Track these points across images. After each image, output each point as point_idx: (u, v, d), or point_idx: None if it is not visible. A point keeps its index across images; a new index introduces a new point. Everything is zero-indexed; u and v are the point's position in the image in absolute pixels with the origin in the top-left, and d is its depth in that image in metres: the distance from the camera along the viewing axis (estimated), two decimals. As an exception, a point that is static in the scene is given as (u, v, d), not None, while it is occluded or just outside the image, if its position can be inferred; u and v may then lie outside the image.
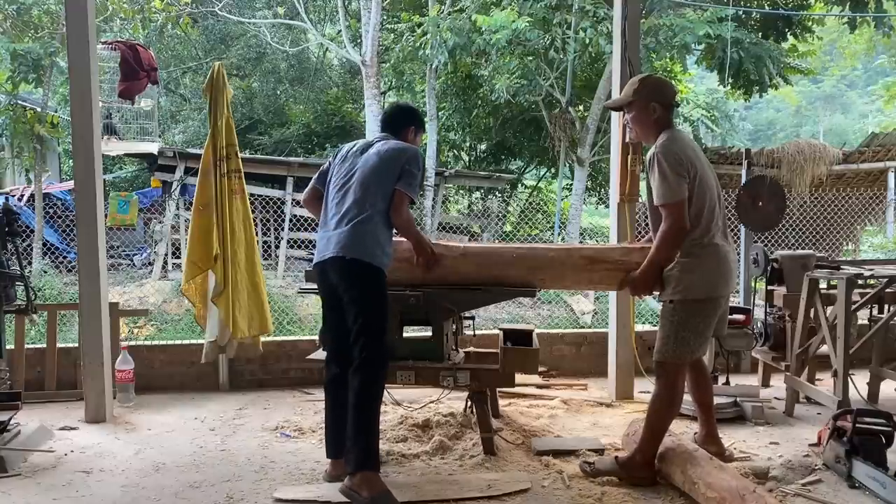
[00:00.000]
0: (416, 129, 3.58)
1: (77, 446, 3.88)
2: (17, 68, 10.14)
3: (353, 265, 3.16)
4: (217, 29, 15.44)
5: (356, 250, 3.17)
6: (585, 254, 3.62)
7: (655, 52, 10.97)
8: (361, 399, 3.08)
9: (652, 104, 3.27)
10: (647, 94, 3.29)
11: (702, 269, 3.18)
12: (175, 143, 14.33)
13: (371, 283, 3.20)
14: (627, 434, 3.64)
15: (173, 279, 10.05)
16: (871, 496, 3.09)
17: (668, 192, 3.10)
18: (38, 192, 10.82)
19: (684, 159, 3.14)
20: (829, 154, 11.10)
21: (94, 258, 4.29)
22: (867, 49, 19.21)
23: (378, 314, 3.18)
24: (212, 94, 4.57)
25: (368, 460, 3.03)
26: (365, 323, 3.13)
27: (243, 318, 4.59)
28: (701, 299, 3.19)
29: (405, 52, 11.83)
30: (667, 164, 3.10)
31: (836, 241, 10.84)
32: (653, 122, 3.28)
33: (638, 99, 3.30)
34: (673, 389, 3.26)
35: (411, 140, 3.54)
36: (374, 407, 3.12)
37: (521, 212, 13.06)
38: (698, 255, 3.18)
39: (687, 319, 3.19)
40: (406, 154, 3.32)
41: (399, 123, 3.54)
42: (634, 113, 3.33)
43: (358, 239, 3.18)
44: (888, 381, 4.52)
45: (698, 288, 3.18)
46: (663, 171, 3.10)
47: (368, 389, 3.09)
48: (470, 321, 4.06)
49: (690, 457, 3.10)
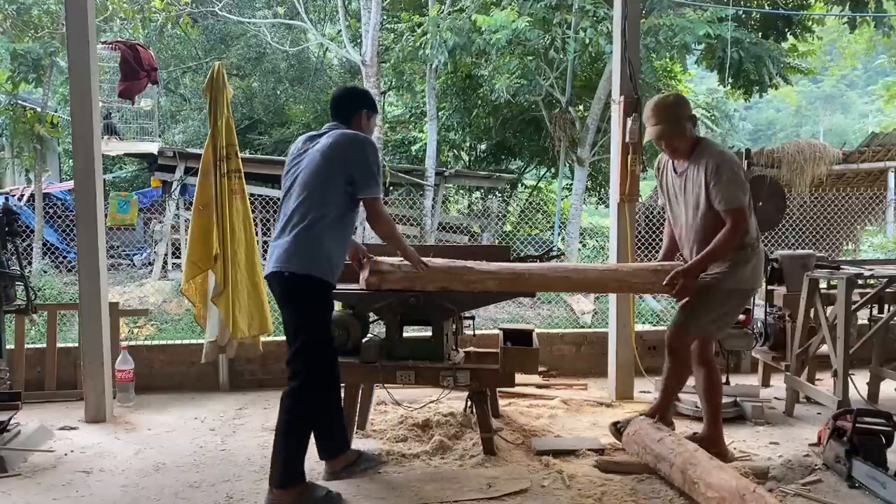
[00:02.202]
0: (367, 112, 3.29)
1: (77, 446, 3.88)
2: (17, 68, 10.14)
3: (291, 281, 3.02)
4: (217, 29, 15.44)
5: (295, 263, 3.01)
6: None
7: (655, 52, 10.97)
8: (288, 424, 3.04)
9: (692, 118, 3.47)
10: (682, 113, 3.43)
11: (753, 264, 3.45)
12: (175, 143, 14.33)
13: (311, 298, 3.05)
14: (629, 433, 3.60)
15: (173, 279, 10.05)
16: (871, 496, 3.09)
17: (735, 197, 3.28)
18: (38, 192, 10.82)
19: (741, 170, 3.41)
20: (829, 154, 11.10)
21: (94, 258, 4.29)
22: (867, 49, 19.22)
23: (317, 332, 3.06)
24: (212, 93, 4.57)
25: (288, 478, 3.02)
26: (303, 343, 3.05)
27: (243, 318, 4.59)
28: (747, 290, 3.51)
29: (405, 52, 11.83)
30: (734, 172, 3.31)
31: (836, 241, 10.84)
32: (692, 136, 3.45)
33: (673, 123, 3.40)
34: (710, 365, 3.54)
35: (364, 125, 3.27)
36: (299, 432, 3.06)
37: (521, 212, 13.07)
38: (753, 250, 3.44)
39: (734, 306, 3.49)
40: (353, 149, 3.07)
41: (347, 109, 3.26)
42: (683, 134, 3.43)
43: (299, 249, 3.01)
44: (888, 381, 4.53)
45: (748, 280, 3.46)
46: (734, 179, 3.29)
47: (297, 415, 3.04)
48: (470, 321, 4.06)
49: (691, 457, 3.10)
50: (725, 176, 3.27)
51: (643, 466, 3.41)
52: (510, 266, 3.63)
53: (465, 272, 3.51)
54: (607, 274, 3.76)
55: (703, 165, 3.34)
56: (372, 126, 3.37)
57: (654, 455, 3.31)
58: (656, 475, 3.32)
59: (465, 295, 3.59)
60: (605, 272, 3.78)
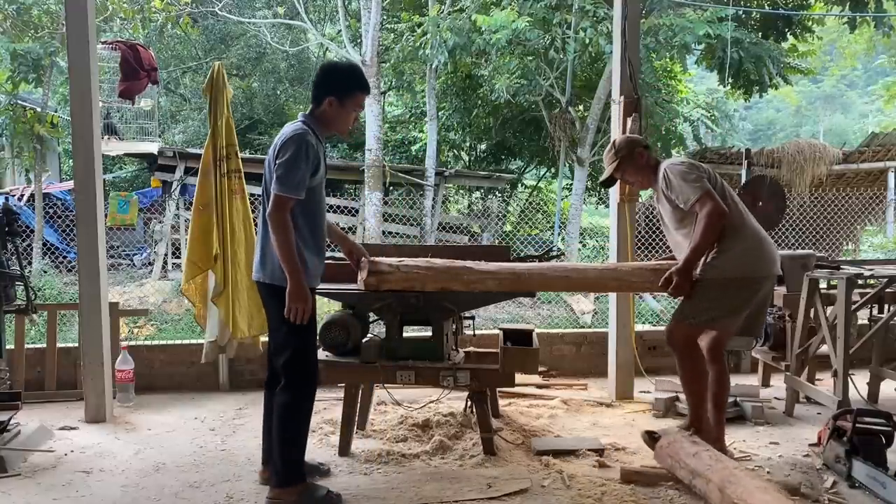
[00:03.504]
0: (337, 99, 2.99)
1: (77, 446, 3.88)
2: (17, 68, 10.14)
3: (263, 289, 3.09)
4: (217, 29, 15.44)
5: (262, 272, 3.05)
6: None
7: (655, 52, 10.97)
8: (282, 420, 3.04)
9: (637, 150, 3.57)
10: (627, 148, 3.59)
11: (741, 249, 3.35)
12: (175, 143, 14.33)
13: (274, 303, 3.02)
14: (662, 445, 3.38)
15: (173, 279, 10.05)
16: (871, 496, 3.09)
17: (691, 189, 3.30)
18: (38, 192, 10.82)
19: (692, 165, 3.42)
20: (829, 154, 11.11)
21: (94, 258, 4.29)
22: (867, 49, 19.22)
23: (291, 336, 3.01)
24: (212, 93, 4.57)
25: (288, 478, 3.03)
26: (282, 344, 3.05)
27: (243, 318, 4.59)
28: (742, 277, 3.34)
29: (405, 52, 11.83)
30: (679, 172, 3.37)
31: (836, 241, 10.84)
32: (646, 164, 3.57)
33: (624, 157, 3.57)
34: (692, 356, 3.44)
35: (331, 114, 3.01)
36: (294, 428, 3.06)
37: (521, 212, 13.07)
38: (736, 236, 3.36)
39: (730, 296, 3.34)
40: (282, 147, 2.91)
41: (316, 94, 3.03)
42: (629, 169, 3.60)
43: (264, 258, 3.04)
44: (888, 381, 4.53)
45: (739, 267, 3.34)
46: (680, 177, 3.34)
47: (288, 411, 3.04)
48: (470, 321, 4.06)
49: (730, 474, 2.86)
50: (675, 179, 3.37)
51: (667, 477, 3.26)
52: (510, 266, 3.63)
53: (465, 272, 3.51)
54: (607, 273, 3.76)
55: (661, 183, 3.50)
56: (347, 114, 3.05)
57: (688, 470, 3.08)
58: (689, 491, 3.12)
59: (465, 295, 3.59)
60: (604, 271, 3.79)
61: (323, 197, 3.14)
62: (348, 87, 3.03)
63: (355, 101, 3.06)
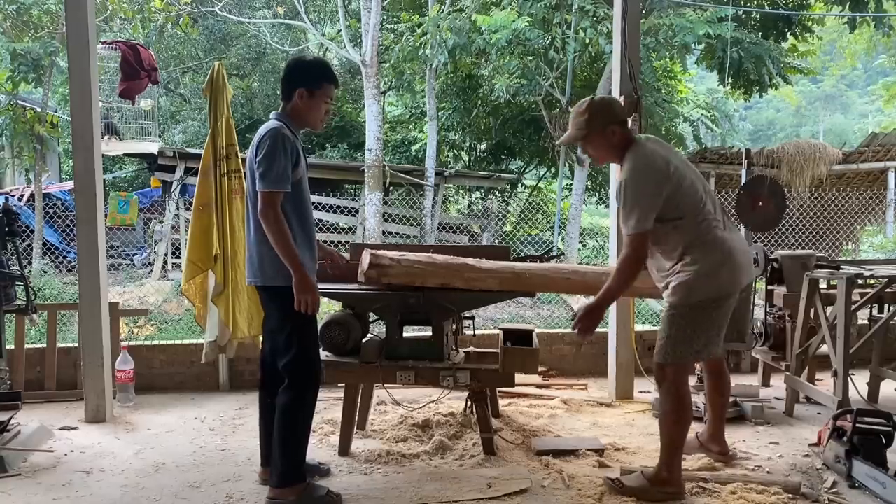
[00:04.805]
0: (308, 90, 3.00)
1: (77, 446, 3.88)
2: (17, 68, 10.15)
3: (260, 292, 3.10)
4: (217, 29, 15.45)
5: (253, 274, 3.05)
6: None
7: (655, 52, 10.98)
8: (283, 421, 3.03)
9: (610, 128, 3.10)
10: (601, 121, 3.10)
11: (705, 269, 2.99)
12: (175, 143, 14.34)
13: (274, 305, 3.04)
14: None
15: (173, 279, 10.05)
16: (871, 496, 3.09)
17: (635, 222, 2.96)
18: (38, 192, 10.83)
19: (661, 175, 2.98)
20: (829, 154, 11.12)
21: (94, 258, 4.29)
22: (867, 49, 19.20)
23: (291, 336, 3.00)
24: (212, 93, 4.56)
25: (288, 478, 3.02)
26: (284, 345, 3.03)
27: (243, 318, 4.58)
28: (703, 300, 3.02)
29: (405, 52, 11.84)
30: (635, 186, 2.97)
31: (836, 241, 10.85)
32: (615, 144, 3.13)
33: (592, 129, 3.11)
34: (678, 395, 3.09)
35: (301, 106, 3.02)
36: (296, 429, 3.04)
37: (521, 212, 13.07)
38: (698, 257, 3.01)
39: (691, 321, 3.04)
40: (260, 145, 2.91)
41: (285, 89, 3.06)
42: (594, 143, 3.17)
43: (251, 260, 3.04)
44: (888, 381, 4.52)
45: (702, 289, 3.00)
46: (632, 196, 2.97)
47: (290, 411, 3.02)
48: (470, 321, 4.06)
49: None
50: (628, 193, 2.98)
51: None
52: (511, 265, 3.63)
53: (466, 269, 3.51)
54: (606, 278, 3.73)
55: (619, 176, 3.11)
56: (316, 106, 3.05)
57: None
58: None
59: (465, 295, 3.59)
60: (604, 276, 3.76)
61: (308, 192, 3.13)
62: (318, 79, 3.04)
63: (325, 92, 3.06)
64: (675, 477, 3.09)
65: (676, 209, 3.02)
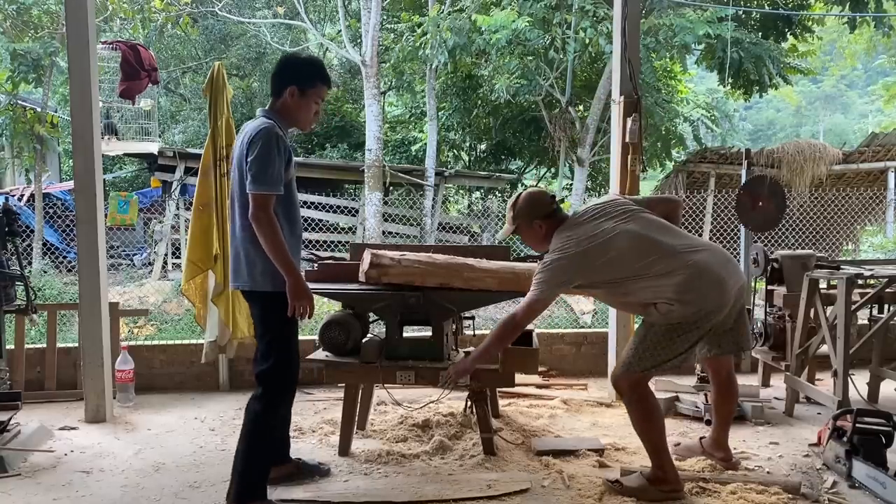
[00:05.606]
0: (299, 88, 2.92)
1: (77, 446, 3.88)
2: (17, 68, 10.15)
3: (245, 296, 3.00)
4: (217, 29, 15.44)
5: (236, 278, 2.95)
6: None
7: (655, 52, 10.98)
8: (249, 432, 2.93)
9: (535, 223, 3.26)
10: (526, 216, 3.27)
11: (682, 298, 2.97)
12: (175, 143, 14.34)
13: (258, 310, 2.95)
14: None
15: (173, 279, 10.05)
16: (871, 496, 3.09)
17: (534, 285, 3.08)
18: (38, 192, 10.83)
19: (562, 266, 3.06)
20: (829, 154, 11.11)
21: (94, 258, 4.28)
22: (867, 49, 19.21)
23: (271, 344, 2.91)
24: (212, 93, 4.57)
25: (246, 495, 2.90)
26: (265, 352, 2.93)
27: (243, 318, 4.59)
28: (682, 322, 3.02)
29: (405, 52, 11.84)
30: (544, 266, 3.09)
31: (836, 241, 10.86)
32: (544, 235, 3.26)
33: (520, 224, 3.31)
34: (640, 401, 3.12)
35: (292, 105, 2.94)
36: (261, 443, 2.94)
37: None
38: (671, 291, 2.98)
39: (666, 337, 3.05)
40: (250, 144, 2.80)
41: (276, 86, 2.96)
42: (524, 235, 3.38)
43: (235, 264, 2.94)
44: (888, 381, 4.53)
45: (680, 312, 3.00)
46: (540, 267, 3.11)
47: (258, 423, 2.92)
48: (470, 321, 4.06)
49: None
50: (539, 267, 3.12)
51: None
52: (510, 265, 3.63)
53: (466, 269, 3.51)
54: None
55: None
56: (306, 105, 2.97)
57: None
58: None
59: (465, 295, 3.59)
60: None
61: (296, 193, 3.06)
62: (310, 78, 2.97)
63: (317, 92, 2.98)
64: (671, 475, 3.11)
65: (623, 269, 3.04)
